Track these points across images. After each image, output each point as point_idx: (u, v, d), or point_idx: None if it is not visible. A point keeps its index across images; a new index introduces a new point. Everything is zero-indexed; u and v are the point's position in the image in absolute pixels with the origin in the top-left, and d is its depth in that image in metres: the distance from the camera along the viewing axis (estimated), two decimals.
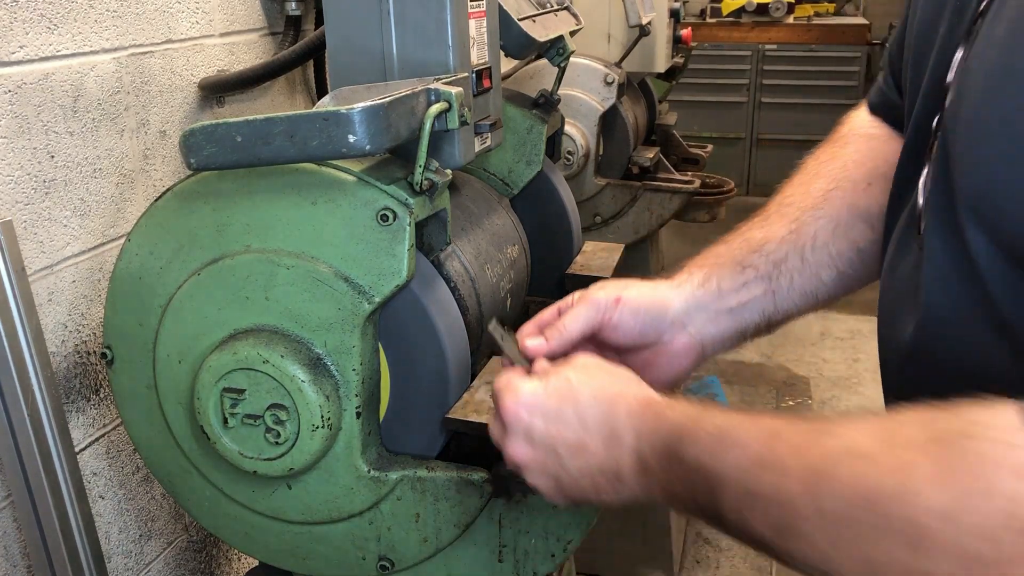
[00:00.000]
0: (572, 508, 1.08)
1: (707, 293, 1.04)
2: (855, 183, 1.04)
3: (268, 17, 1.78)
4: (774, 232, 1.05)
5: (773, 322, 1.06)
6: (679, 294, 1.05)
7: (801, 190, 1.08)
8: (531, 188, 1.58)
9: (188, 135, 0.98)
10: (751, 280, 1.04)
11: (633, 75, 2.82)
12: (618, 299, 1.02)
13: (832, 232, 1.03)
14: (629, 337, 1.03)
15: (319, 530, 1.17)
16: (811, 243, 1.04)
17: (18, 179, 1.22)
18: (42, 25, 1.25)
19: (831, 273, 1.04)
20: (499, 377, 0.94)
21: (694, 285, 1.05)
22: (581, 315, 1.02)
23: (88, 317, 1.38)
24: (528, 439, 0.88)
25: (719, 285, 1.04)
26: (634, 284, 1.05)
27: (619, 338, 1.03)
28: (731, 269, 1.05)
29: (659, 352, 1.05)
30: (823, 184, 1.06)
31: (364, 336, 1.06)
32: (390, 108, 0.94)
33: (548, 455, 0.87)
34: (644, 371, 1.01)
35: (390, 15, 1.18)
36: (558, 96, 1.61)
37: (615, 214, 2.75)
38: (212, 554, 1.75)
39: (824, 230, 1.03)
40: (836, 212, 1.04)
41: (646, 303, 1.03)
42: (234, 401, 1.08)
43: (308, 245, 1.05)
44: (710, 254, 1.08)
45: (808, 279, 1.04)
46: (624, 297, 1.03)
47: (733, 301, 1.04)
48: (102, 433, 1.43)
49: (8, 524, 1.28)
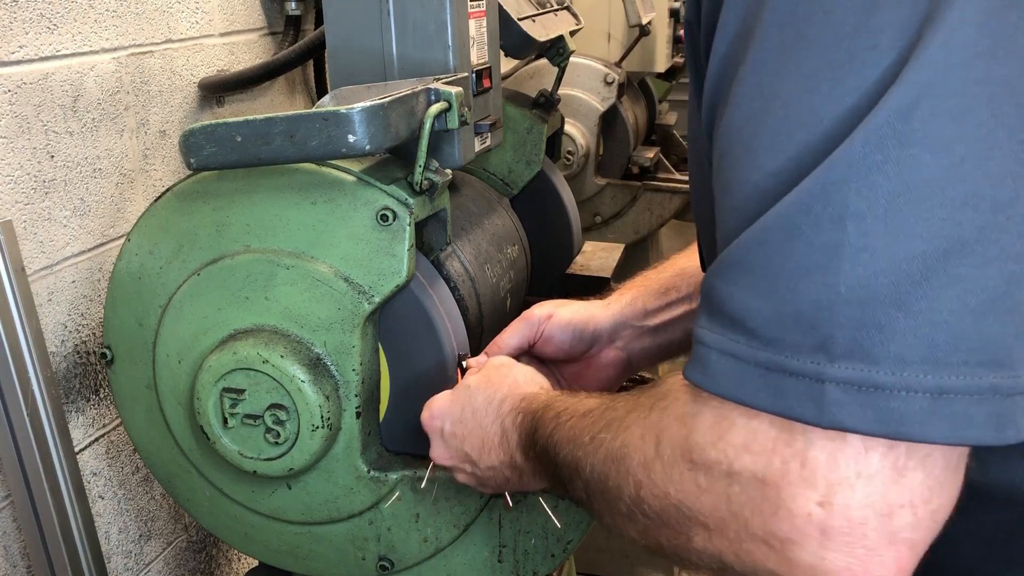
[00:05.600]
0: (572, 508, 1.08)
1: (633, 312, 1.18)
2: None
3: (268, 17, 1.78)
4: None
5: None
6: (607, 312, 1.18)
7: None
8: (531, 188, 1.58)
9: (188, 135, 0.98)
10: (673, 301, 1.17)
11: (633, 75, 2.82)
12: (550, 315, 1.16)
13: None
14: (560, 350, 1.17)
15: (319, 530, 1.17)
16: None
17: (18, 179, 1.22)
18: (42, 25, 1.25)
19: None
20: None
21: (622, 305, 1.18)
22: (517, 330, 1.16)
23: (88, 317, 1.38)
24: (443, 442, 1.00)
25: (644, 305, 1.18)
26: (569, 303, 1.20)
27: (551, 351, 1.17)
28: (656, 292, 1.18)
29: (589, 364, 1.19)
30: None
31: (364, 336, 1.06)
32: (390, 108, 0.94)
33: (461, 456, 0.98)
34: (577, 381, 1.18)
35: (390, 15, 1.18)
36: (558, 96, 1.61)
37: (615, 214, 2.75)
38: (212, 554, 1.75)
39: None
40: None
41: (575, 319, 1.17)
42: (234, 401, 1.08)
43: (308, 245, 1.05)
44: (640, 278, 1.22)
45: None
46: (556, 314, 1.17)
47: (656, 320, 1.17)
48: (102, 433, 1.43)
49: (8, 524, 1.28)
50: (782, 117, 0.57)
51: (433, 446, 1.02)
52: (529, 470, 0.91)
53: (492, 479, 0.97)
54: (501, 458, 0.94)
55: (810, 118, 0.56)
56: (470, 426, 0.97)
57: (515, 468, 0.93)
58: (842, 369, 0.53)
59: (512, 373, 1.00)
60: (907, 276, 0.51)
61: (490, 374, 1.00)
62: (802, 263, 0.54)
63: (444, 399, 1.02)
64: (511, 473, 0.94)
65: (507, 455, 0.93)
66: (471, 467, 0.98)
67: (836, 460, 0.54)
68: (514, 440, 0.91)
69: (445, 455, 1.01)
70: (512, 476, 0.94)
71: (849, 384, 0.53)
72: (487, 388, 0.98)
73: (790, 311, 0.55)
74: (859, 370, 0.53)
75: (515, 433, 0.91)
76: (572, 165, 2.58)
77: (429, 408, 1.02)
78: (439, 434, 1.01)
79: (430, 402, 1.03)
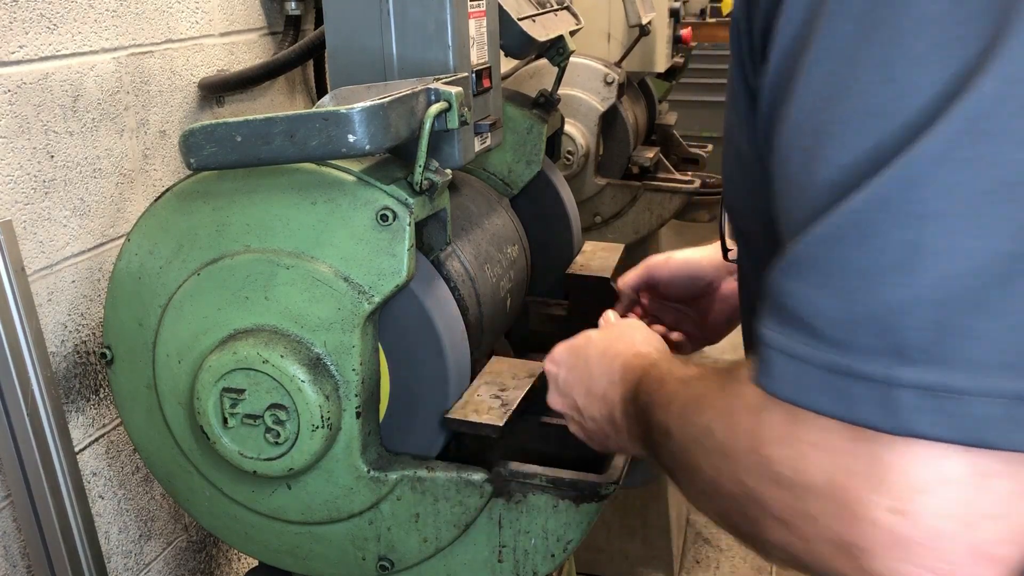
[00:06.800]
0: (572, 508, 1.09)
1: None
2: None
3: (268, 17, 1.78)
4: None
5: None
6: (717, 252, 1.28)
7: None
8: (531, 188, 1.57)
9: (188, 135, 0.98)
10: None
11: (633, 75, 2.81)
12: (667, 260, 1.30)
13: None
14: (680, 288, 1.29)
15: (319, 530, 1.17)
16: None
17: (18, 179, 1.22)
18: (42, 25, 1.25)
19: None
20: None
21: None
22: (634, 274, 1.31)
23: (88, 317, 1.38)
24: (557, 388, 1.04)
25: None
26: (689, 249, 1.31)
27: (673, 291, 1.30)
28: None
29: (712, 298, 1.29)
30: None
31: (364, 336, 1.06)
32: (390, 108, 0.94)
33: (571, 404, 1.01)
34: (704, 316, 1.30)
35: (390, 15, 1.18)
36: (558, 96, 1.61)
37: (615, 214, 2.75)
38: (212, 554, 1.75)
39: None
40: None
41: (689, 260, 1.28)
42: (234, 401, 1.08)
43: (308, 245, 1.05)
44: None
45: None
46: (673, 256, 1.30)
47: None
48: (102, 433, 1.43)
49: (8, 524, 1.28)
50: (856, 108, 0.54)
51: (550, 391, 1.05)
52: (625, 428, 0.89)
53: (595, 433, 0.98)
54: (602, 411, 0.94)
55: (888, 109, 0.53)
56: (581, 375, 0.98)
57: (614, 424, 0.92)
58: (917, 373, 0.51)
59: (631, 332, 1.01)
60: (990, 278, 0.49)
61: (612, 330, 1.03)
62: (878, 262, 0.52)
63: (564, 346, 1.04)
64: (610, 429, 0.93)
65: (608, 409, 0.92)
66: (579, 416, 0.99)
67: (911, 465, 0.52)
68: (617, 395, 0.90)
69: (559, 401, 1.03)
70: (611, 432, 0.94)
71: (924, 389, 0.50)
72: (603, 341, 0.99)
73: (862, 312, 0.53)
74: (935, 375, 0.50)
75: (619, 388, 0.90)
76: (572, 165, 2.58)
77: (552, 355, 1.05)
78: (555, 380, 1.03)
79: (553, 349, 1.06)
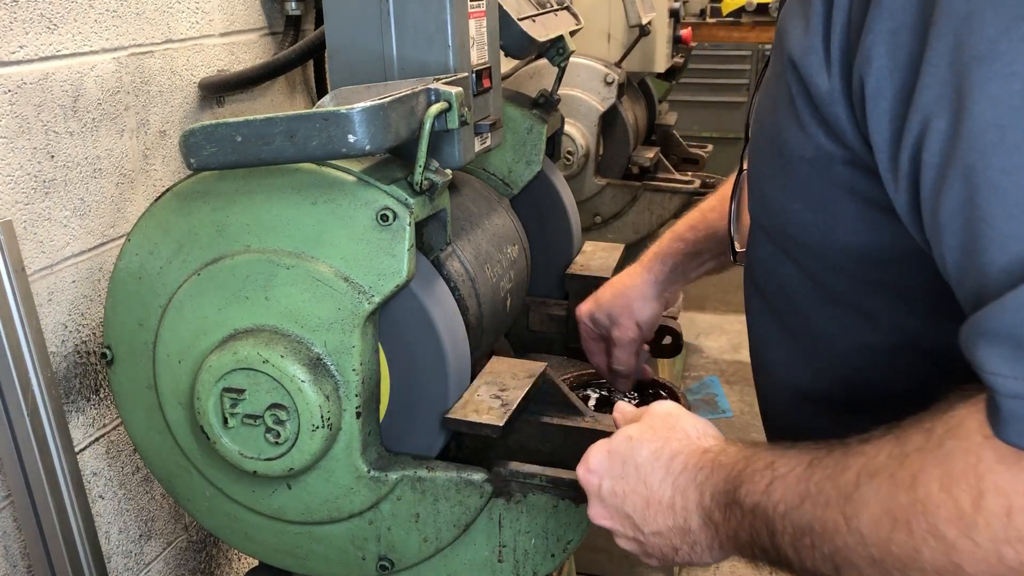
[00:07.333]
0: (572, 508, 1.08)
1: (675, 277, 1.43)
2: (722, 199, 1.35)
3: (268, 17, 1.78)
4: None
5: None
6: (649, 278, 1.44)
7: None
8: (531, 188, 1.58)
9: (188, 135, 0.98)
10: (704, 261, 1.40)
11: (633, 75, 2.82)
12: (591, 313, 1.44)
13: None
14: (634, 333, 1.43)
15: (319, 530, 1.17)
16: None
17: (18, 179, 1.22)
18: (42, 25, 1.25)
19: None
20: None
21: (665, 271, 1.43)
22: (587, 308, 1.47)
23: (88, 317, 1.38)
24: (601, 501, 0.90)
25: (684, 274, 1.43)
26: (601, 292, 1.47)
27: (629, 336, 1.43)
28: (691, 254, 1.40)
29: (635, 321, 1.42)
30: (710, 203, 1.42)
31: (364, 336, 1.06)
32: (390, 108, 0.94)
33: (621, 517, 0.88)
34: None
35: (390, 15, 1.18)
36: (558, 96, 1.61)
37: (615, 214, 2.75)
38: (212, 554, 1.75)
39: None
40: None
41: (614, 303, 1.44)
42: (234, 401, 1.08)
43: (308, 245, 1.05)
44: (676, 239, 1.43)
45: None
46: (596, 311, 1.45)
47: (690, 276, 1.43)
48: (102, 433, 1.43)
49: (8, 524, 1.28)
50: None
51: (590, 504, 0.92)
52: (706, 538, 0.80)
53: (657, 547, 0.86)
54: (669, 523, 0.83)
55: None
56: (632, 483, 0.86)
57: (687, 534, 0.82)
58: None
59: (681, 424, 0.88)
60: None
61: (654, 423, 0.89)
62: None
63: (601, 451, 0.90)
64: (680, 541, 0.83)
65: (679, 519, 0.82)
66: (633, 531, 0.87)
67: None
68: (692, 501, 0.81)
69: (603, 514, 0.90)
70: (681, 545, 0.83)
71: None
72: (652, 440, 0.86)
73: None
74: None
75: (695, 493, 0.80)
76: (572, 165, 2.58)
77: (586, 461, 0.91)
78: (596, 492, 0.90)
79: (587, 454, 0.92)
